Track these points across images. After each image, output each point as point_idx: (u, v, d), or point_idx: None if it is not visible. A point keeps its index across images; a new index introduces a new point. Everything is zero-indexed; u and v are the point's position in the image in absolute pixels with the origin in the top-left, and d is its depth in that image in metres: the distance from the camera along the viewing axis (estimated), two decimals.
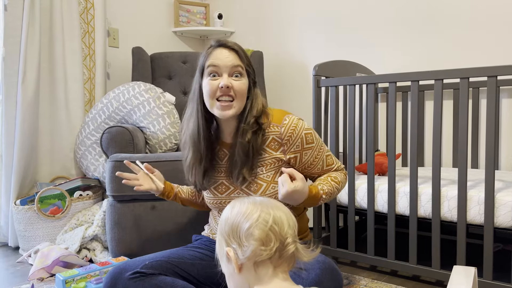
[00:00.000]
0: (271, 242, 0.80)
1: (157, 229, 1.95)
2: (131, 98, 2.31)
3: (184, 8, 3.19)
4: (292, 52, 2.88)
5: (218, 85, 1.24)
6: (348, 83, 1.91)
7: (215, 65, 1.25)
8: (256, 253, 0.79)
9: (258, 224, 0.81)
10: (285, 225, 0.83)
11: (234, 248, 0.82)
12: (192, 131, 1.32)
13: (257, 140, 1.28)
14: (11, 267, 2.05)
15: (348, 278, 1.80)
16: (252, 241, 0.80)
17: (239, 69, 1.27)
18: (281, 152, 1.32)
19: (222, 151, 1.36)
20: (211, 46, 1.29)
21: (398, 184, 1.79)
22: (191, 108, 1.34)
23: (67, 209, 2.21)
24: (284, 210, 0.86)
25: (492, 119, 1.53)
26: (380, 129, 2.48)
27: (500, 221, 1.53)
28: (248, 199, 0.88)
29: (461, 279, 1.02)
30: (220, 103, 1.25)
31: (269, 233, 0.81)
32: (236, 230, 0.82)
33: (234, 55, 1.27)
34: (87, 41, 2.60)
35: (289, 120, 1.30)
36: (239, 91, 1.26)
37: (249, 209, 0.83)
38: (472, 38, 2.22)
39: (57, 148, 2.47)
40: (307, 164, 1.35)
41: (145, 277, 1.20)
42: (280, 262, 0.82)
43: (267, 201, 0.87)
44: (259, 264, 0.81)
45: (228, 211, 0.87)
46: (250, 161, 1.28)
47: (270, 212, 0.83)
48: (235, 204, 0.87)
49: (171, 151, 2.34)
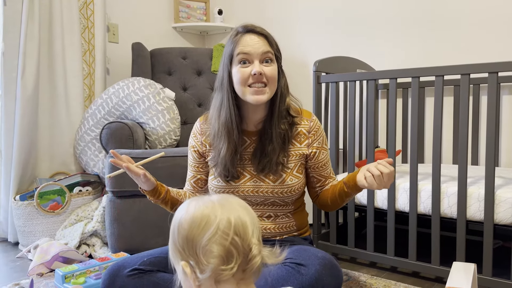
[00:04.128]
0: (232, 258, 0.70)
1: (156, 224, 1.95)
2: (131, 93, 2.30)
3: (184, 4, 3.17)
4: (293, 47, 2.87)
5: (250, 72, 1.24)
6: (349, 79, 1.90)
7: (246, 53, 1.24)
8: (216, 273, 0.70)
9: (217, 239, 0.70)
10: (249, 231, 0.72)
11: (191, 264, 0.72)
12: (226, 120, 1.29)
13: (291, 131, 1.33)
14: (10, 263, 2.05)
15: (348, 274, 1.80)
16: (210, 259, 0.70)
17: (269, 55, 1.26)
18: (305, 145, 1.36)
19: (243, 139, 1.35)
20: (238, 32, 1.27)
21: (398, 181, 1.79)
22: (221, 97, 1.31)
23: (67, 204, 2.21)
24: (246, 208, 0.76)
25: (493, 116, 1.53)
26: (380, 125, 2.48)
27: (500, 217, 1.53)
28: (204, 200, 0.76)
29: (460, 275, 1.02)
30: (253, 89, 1.24)
31: (230, 248, 0.70)
32: (192, 244, 0.72)
33: (263, 40, 1.26)
34: (87, 36, 2.60)
35: (315, 118, 1.40)
36: (271, 77, 1.26)
37: (206, 217, 0.72)
38: (473, 35, 2.21)
39: (56, 144, 2.46)
40: (321, 164, 1.38)
41: (143, 274, 1.20)
42: (244, 275, 0.73)
43: (225, 201, 0.76)
44: (220, 281, 0.71)
45: (182, 215, 0.75)
46: (283, 151, 1.32)
47: (231, 219, 0.71)
48: (189, 208, 0.75)
49: (170, 147, 2.34)
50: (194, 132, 1.43)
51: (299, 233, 1.41)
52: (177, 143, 2.39)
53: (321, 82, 1.99)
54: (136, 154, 1.98)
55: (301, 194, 1.40)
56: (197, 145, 1.41)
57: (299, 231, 1.41)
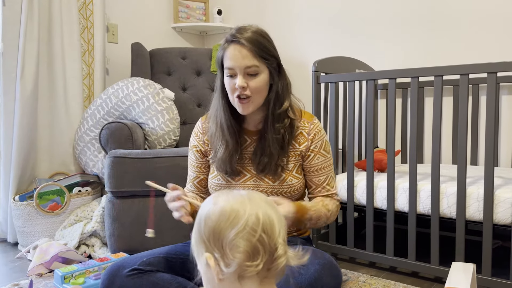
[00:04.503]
0: (258, 255, 0.70)
1: (155, 225, 1.94)
2: (130, 94, 2.30)
3: (183, 4, 3.17)
4: (292, 48, 2.87)
5: (234, 84, 1.24)
6: (348, 79, 1.90)
7: (229, 67, 1.24)
8: (241, 268, 0.70)
9: (245, 234, 0.70)
10: (276, 230, 0.72)
11: (215, 257, 0.72)
12: (221, 122, 1.31)
13: (291, 134, 1.32)
14: (10, 263, 2.04)
15: (347, 274, 1.80)
16: (236, 254, 0.70)
17: (253, 68, 1.24)
18: (305, 147, 1.34)
19: (243, 138, 1.36)
20: (226, 40, 1.26)
21: (397, 181, 1.79)
22: (217, 102, 1.33)
23: (66, 205, 2.21)
24: (273, 207, 0.76)
25: (492, 116, 1.53)
26: (379, 125, 2.48)
27: (499, 217, 1.53)
28: (233, 194, 0.76)
29: (460, 275, 1.02)
30: (238, 100, 1.25)
31: (257, 244, 0.70)
32: (219, 237, 0.71)
33: (247, 52, 1.23)
34: (86, 36, 2.59)
35: (317, 122, 1.38)
36: (255, 89, 1.25)
37: (235, 211, 0.72)
38: (472, 35, 2.21)
39: (56, 144, 2.46)
40: (314, 169, 1.36)
41: (143, 274, 1.20)
42: (268, 274, 0.73)
43: (254, 197, 0.76)
44: (244, 277, 0.71)
45: (210, 208, 0.75)
46: (282, 154, 1.31)
47: (259, 216, 0.71)
48: (218, 200, 0.75)
49: (170, 147, 2.34)
50: (195, 131, 1.43)
51: (298, 234, 1.41)
52: (176, 143, 2.39)
53: (321, 82, 1.99)
54: (135, 154, 1.98)
55: (301, 194, 1.40)
56: (199, 144, 1.41)
57: (298, 232, 1.41)
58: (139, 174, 1.94)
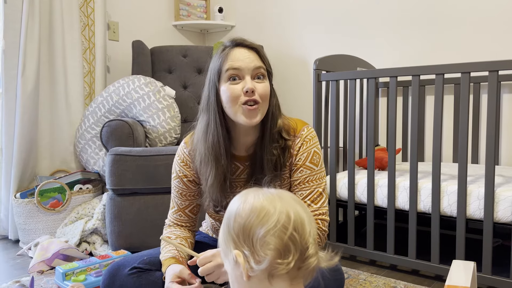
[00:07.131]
0: (289, 253, 0.68)
1: (156, 222, 1.95)
2: (131, 91, 2.30)
3: (184, 2, 3.17)
4: (293, 46, 2.87)
5: (241, 89, 1.11)
6: (349, 78, 1.90)
7: (236, 68, 1.11)
8: (272, 266, 0.68)
9: (276, 231, 0.68)
10: (307, 229, 0.70)
11: (245, 254, 0.70)
12: (213, 143, 1.16)
13: (284, 156, 1.20)
14: (11, 260, 2.05)
15: (348, 272, 1.80)
16: (267, 251, 0.68)
17: (261, 70, 1.14)
18: (290, 164, 1.24)
19: (234, 165, 1.23)
20: (226, 47, 1.15)
21: (398, 179, 1.79)
22: (207, 118, 1.17)
23: (67, 202, 2.21)
24: (303, 207, 0.74)
25: (493, 114, 1.53)
26: (380, 123, 2.48)
27: (500, 216, 1.53)
28: (263, 192, 0.74)
29: (460, 274, 1.02)
30: (247, 107, 1.11)
31: (288, 242, 0.68)
32: (249, 234, 0.70)
33: (254, 54, 1.14)
34: (87, 34, 2.59)
35: (307, 131, 1.23)
36: (263, 94, 1.13)
37: (265, 208, 0.70)
38: (474, 33, 2.21)
39: (57, 142, 2.47)
40: (297, 182, 1.23)
41: (142, 272, 1.20)
42: (298, 274, 0.71)
43: (284, 196, 0.74)
44: (274, 275, 0.69)
45: (239, 204, 0.73)
46: (275, 178, 1.19)
47: (290, 214, 0.70)
48: (247, 198, 0.73)
49: (171, 145, 2.34)
50: (184, 161, 1.26)
51: None
52: (177, 141, 2.39)
53: (322, 81, 1.98)
54: (136, 152, 1.98)
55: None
56: (191, 174, 1.26)
57: None
58: (140, 171, 1.95)
